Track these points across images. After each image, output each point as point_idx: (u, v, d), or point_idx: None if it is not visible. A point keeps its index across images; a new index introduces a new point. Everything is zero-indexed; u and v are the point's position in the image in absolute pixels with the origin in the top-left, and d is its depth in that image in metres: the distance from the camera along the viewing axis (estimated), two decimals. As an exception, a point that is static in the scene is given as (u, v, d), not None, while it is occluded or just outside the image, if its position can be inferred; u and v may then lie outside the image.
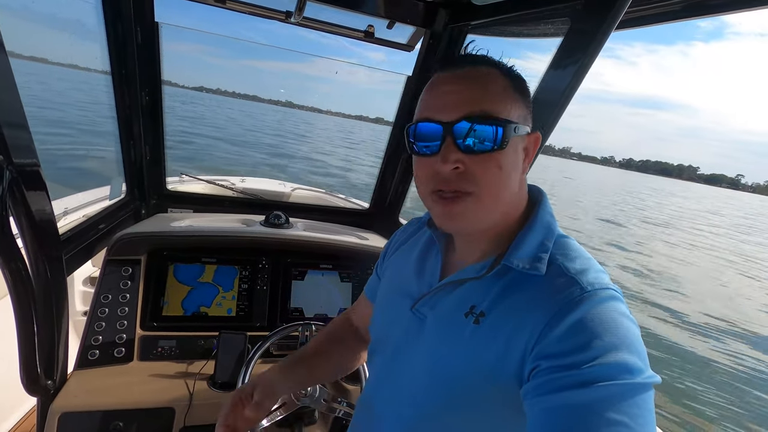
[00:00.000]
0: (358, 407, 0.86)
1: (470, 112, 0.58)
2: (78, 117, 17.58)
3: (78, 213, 2.31)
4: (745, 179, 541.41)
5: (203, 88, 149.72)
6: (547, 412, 0.49)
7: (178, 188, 2.05)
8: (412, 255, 0.80)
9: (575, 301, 0.54)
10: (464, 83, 0.60)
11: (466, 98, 0.59)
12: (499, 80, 0.61)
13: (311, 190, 3.47)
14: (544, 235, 0.64)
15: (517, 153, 0.62)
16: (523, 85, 0.64)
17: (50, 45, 23.79)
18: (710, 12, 0.95)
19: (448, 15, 1.55)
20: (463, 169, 0.59)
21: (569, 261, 0.60)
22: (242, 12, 1.47)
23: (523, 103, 0.63)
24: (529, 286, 0.59)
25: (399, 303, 0.75)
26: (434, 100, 0.62)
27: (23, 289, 0.91)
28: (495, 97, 0.59)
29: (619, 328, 0.51)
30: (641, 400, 0.47)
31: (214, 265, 1.53)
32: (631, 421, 0.45)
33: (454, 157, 0.58)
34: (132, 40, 1.43)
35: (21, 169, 0.85)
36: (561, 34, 1.08)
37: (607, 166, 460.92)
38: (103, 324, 1.33)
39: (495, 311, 0.61)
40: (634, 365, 0.48)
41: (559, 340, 0.52)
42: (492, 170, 0.59)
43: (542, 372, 0.51)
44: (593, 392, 0.47)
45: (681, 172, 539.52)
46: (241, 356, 1.31)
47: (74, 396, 1.16)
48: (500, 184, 0.60)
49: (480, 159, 0.58)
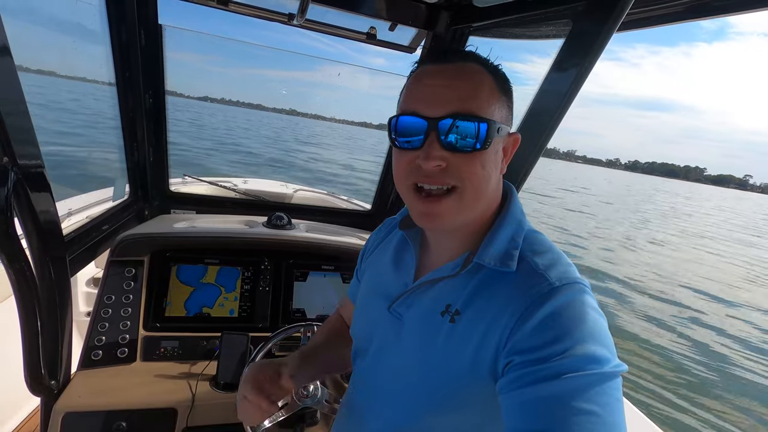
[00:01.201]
0: (341, 409, 0.87)
1: (457, 110, 0.57)
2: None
3: (82, 214, 2.32)
4: (753, 180, 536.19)
5: (208, 98, 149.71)
6: (520, 405, 0.51)
7: (180, 189, 2.06)
8: (387, 256, 0.80)
9: (544, 296, 0.55)
10: (453, 79, 0.60)
11: (453, 95, 0.58)
12: (486, 79, 0.60)
13: (313, 192, 3.48)
14: (515, 231, 0.65)
15: (497, 153, 0.62)
16: (507, 85, 0.64)
17: (53, 48, 23.73)
18: (712, 13, 0.95)
19: (449, 17, 1.56)
20: (445, 166, 0.59)
21: (538, 256, 0.61)
22: (244, 14, 1.48)
23: (506, 104, 0.63)
24: (501, 282, 0.61)
25: (376, 305, 0.76)
26: (420, 92, 0.61)
27: (27, 289, 0.91)
28: (482, 96, 0.59)
29: (586, 321, 0.53)
30: (609, 388, 0.49)
31: (217, 266, 1.54)
32: (600, 409, 0.47)
33: (437, 154, 0.58)
34: (136, 42, 1.44)
35: (25, 170, 0.86)
36: (563, 36, 1.08)
37: (612, 168, 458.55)
38: (107, 324, 1.33)
39: (469, 309, 0.62)
40: (602, 356, 0.50)
41: (531, 335, 0.53)
42: (476, 169, 0.59)
43: (515, 367, 0.53)
44: (563, 384, 0.48)
45: (687, 174, 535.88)
46: (243, 357, 1.31)
47: (77, 396, 1.16)
48: (482, 184, 0.61)
49: (462, 157, 0.58)
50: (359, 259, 0.94)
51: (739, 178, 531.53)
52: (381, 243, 0.87)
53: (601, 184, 46.54)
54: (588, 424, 0.46)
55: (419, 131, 0.59)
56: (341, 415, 0.85)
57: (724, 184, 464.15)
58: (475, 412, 0.62)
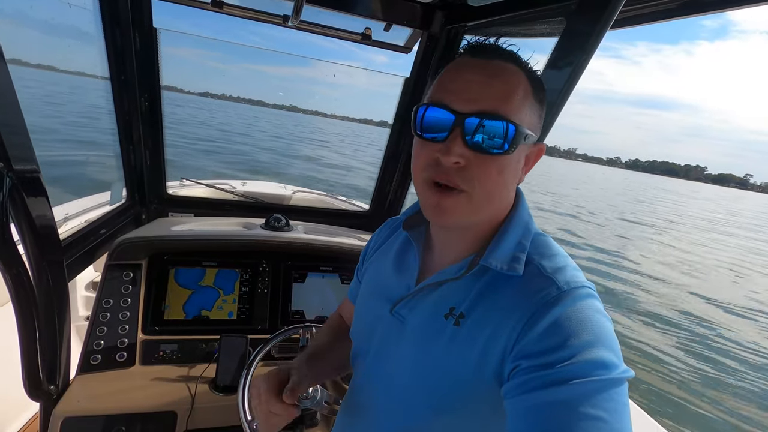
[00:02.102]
0: (340, 412, 0.86)
1: (487, 109, 0.55)
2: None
3: (79, 219, 2.31)
4: (753, 179, 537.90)
5: (208, 94, 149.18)
6: (526, 410, 0.50)
7: (178, 192, 2.06)
8: (389, 257, 0.79)
9: (552, 300, 0.54)
10: (489, 76, 0.57)
11: (486, 93, 0.56)
12: (523, 83, 0.58)
13: (311, 193, 3.48)
14: (522, 234, 0.64)
15: (519, 161, 0.61)
16: (542, 93, 0.62)
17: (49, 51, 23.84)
18: (705, 9, 0.95)
19: (444, 17, 1.56)
20: (464, 165, 0.56)
21: (546, 260, 0.60)
22: (239, 17, 1.48)
23: (538, 112, 0.61)
24: (508, 286, 0.60)
25: (378, 307, 0.75)
26: (454, 83, 0.58)
27: (25, 295, 0.91)
28: (515, 99, 0.57)
29: (594, 326, 0.52)
30: (616, 394, 0.48)
31: (215, 268, 1.54)
32: (607, 415, 0.47)
33: (459, 151, 0.55)
34: (130, 46, 1.44)
35: (21, 175, 0.86)
36: (557, 34, 1.08)
37: (613, 167, 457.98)
38: (105, 328, 1.33)
39: (475, 312, 0.61)
40: (609, 361, 0.50)
41: (538, 339, 0.53)
42: (492, 174, 0.57)
43: (521, 371, 0.52)
44: (570, 389, 0.48)
45: (688, 173, 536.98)
46: (242, 359, 1.31)
47: (77, 401, 1.16)
48: (495, 189, 0.59)
49: (483, 159, 0.56)
50: (361, 259, 0.93)
51: (740, 178, 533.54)
52: (383, 244, 0.86)
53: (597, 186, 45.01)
54: (595, 430, 0.46)
55: (445, 126, 0.57)
56: (341, 417, 0.85)
57: (725, 183, 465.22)
58: (477, 415, 0.61)
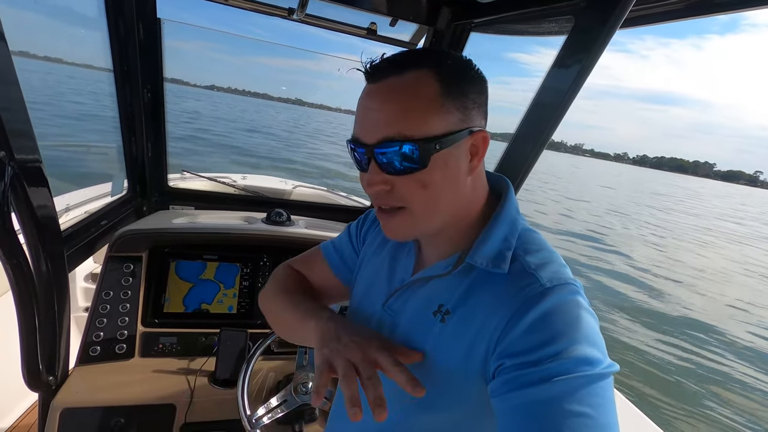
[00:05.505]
0: (333, 406, 0.86)
1: (388, 135, 0.56)
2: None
3: (80, 209, 2.31)
4: (763, 176, 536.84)
5: (215, 87, 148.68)
6: (512, 409, 0.50)
7: (179, 185, 2.05)
8: (385, 252, 0.79)
9: (535, 297, 0.54)
10: (382, 100, 0.57)
11: (384, 118, 0.56)
12: (425, 88, 0.56)
13: (313, 188, 3.47)
14: (508, 230, 0.63)
15: (447, 166, 0.58)
16: (460, 84, 0.58)
17: (53, 41, 23.45)
18: (714, 10, 0.94)
19: (451, 12, 1.55)
20: (390, 188, 0.59)
21: (530, 256, 0.60)
22: (244, 8, 1.47)
23: (456, 107, 0.57)
24: (493, 283, 0.60)
25: (372, 302, 0.75)
26: (359, 114, 0.60)
27: (25, 285, 0.91)
28: (415, 113, 0.55)
29: (578, 323, 0.52)
30: (601, 389, 0.49)
31: (216, 262, 1.53)
32: (592, 411, 0.47)
33: (379, 179, 0.58)
34: (134, 36, 1.43)
35: (23, 165, 0.85)
36: (565, 32, 1.07)
37: (620, 162, 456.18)
38: (105, 320, 1.33)
39: (460, 310, 0.61)
40: (594, 357, 0.50)
41: (521, 337, 0.53)
42: (416, 190, 0.58)
43: (506, 370, 0.52)
44: (555, 386, 0.48)
45: (697, 169, 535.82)
46: (241, 353, 1.31)
47: (75, 392, 1.16)
48: (430, 200, 0.59)
49: (404, 179, 0.58)
50: (359, 226, 0.88)
51: (750, 174, 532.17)
52: (378, 238, 0.83)
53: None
54: (581, 426, 0.46)
55: (363, 157, 0.60)
56: (334, 416, 0.85)
57: (734, 180, 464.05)
58: (465, 411, 0.62)
